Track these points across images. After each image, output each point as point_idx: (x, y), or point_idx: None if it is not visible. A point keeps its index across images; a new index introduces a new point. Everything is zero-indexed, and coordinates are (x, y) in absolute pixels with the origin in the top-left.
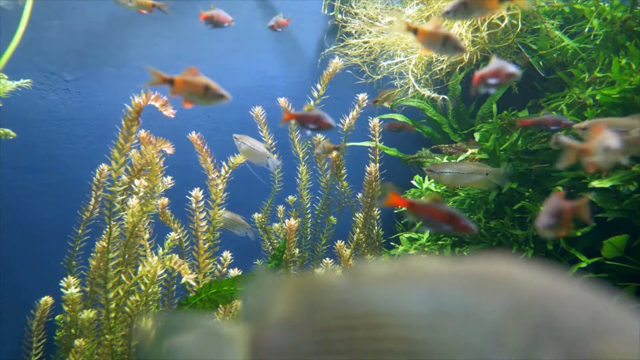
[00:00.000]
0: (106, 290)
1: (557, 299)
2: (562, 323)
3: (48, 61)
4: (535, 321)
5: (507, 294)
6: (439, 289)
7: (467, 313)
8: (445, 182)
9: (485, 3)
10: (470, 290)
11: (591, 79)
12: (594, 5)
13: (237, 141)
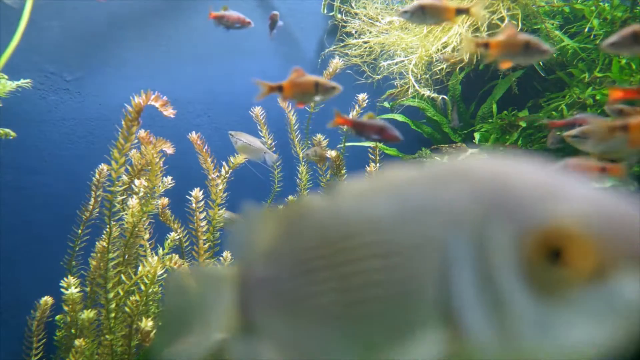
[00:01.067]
0: (106, 290)
1: (512, 177)
2: (516, 198)
3: (48, 61)
4: (490, 200)
5: (463, 181)
6: (403, 190)
7: (426, 205)
8: None
9: (442, 13)
10: (430, 186)
11: (591, 79)
12: (594, 5)
13: (232, 138)
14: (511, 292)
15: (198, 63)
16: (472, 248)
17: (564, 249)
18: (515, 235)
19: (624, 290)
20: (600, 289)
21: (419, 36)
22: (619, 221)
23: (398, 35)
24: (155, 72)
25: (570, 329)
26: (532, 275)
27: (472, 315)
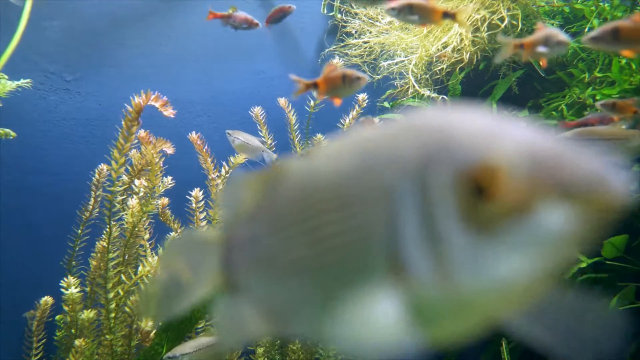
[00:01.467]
0: (106, 290)
1: (454, 125)
2: (454, 142)
3: (48, 61)
4: (432, 146)
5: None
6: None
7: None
8: None
9: (429, 14)
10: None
11: (591, 79)
12: (594, 5)
13: (230, 136)
14: (449, 231)
15: (198, 63)
16: (416, 192)
17: (491, 185)
18: (451, 176)
19: (547, 223)
20: (526, 222)
21: (419, 36)
22: (544, 158)
23: (398, 35)
24: (155, 72)
25: (501, 262)
26: (466, 213)
27: (416, 256)
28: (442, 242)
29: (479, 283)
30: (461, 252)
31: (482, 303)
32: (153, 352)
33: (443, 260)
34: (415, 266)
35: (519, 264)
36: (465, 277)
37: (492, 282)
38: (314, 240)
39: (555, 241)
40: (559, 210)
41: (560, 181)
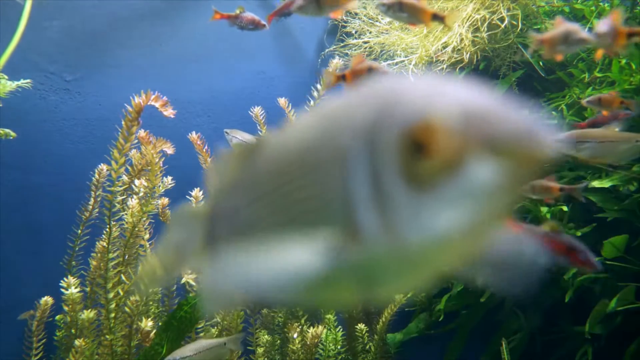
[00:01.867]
0: (106, 290)
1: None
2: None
3: (48, 61)
4: (380, 108)
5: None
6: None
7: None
8: None
9: (418, 13)
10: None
11: (591, 79)
12: (594, 5)
13: (228, 135)
14: (393, 189)
15: (198, 63)
16: (366, 155)
17: (428, 142)
18: (394, 136)
19: (479, 176)
20: (460, 176)
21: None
22: (475, 115)
23: (398, 35)
24: (155, 72)
25: (441, 216)
26: (408, 170)
27: (366, 215)
28: (387, 201)
29: (422, 238)
30: (404, 209)
31: (427, 257)
32: (153, 352)
33: (389, 218)
34: (366, 225)
35: (457, 216)
36: (409, 233)
37: (434, 236)
38: (285, 208)
39: (488, 193)
40: (489, 164)
41: (489, 136)
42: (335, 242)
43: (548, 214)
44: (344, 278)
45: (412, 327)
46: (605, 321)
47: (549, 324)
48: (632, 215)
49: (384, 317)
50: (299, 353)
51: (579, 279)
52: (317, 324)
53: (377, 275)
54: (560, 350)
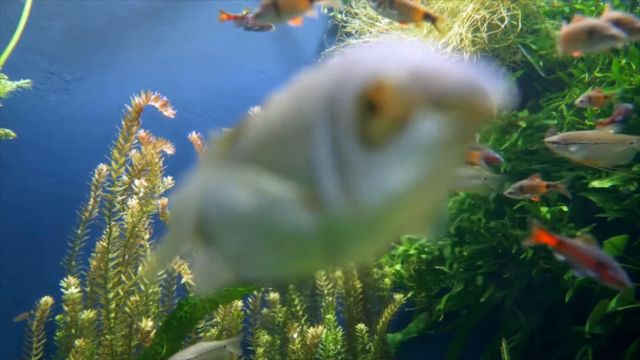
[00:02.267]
0: (106, 290)
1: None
2: (357, 69)
3: (48, 61)
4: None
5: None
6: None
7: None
8: None
9: (409, 12)
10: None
11: (591, 79)
12: (594, 5)
13: None
14: (349, 151)
15: (198, 63)
16: (327, 121)
17: (379, 100)
18: (350, 98)
19: (427, 131)
20: (409, 132)
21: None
22: (422, 72)
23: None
24: (155, 72)
25: (394, 174)
26: (362, 131)
27: (327, 180)
28: (345, 163)
29: (378, 197)
30: (361, 170)
31: (385, 216)
32: (153, 352)
33: (348, 181)
34: (327, 190)
35: (409, 173)
36: (366, 194)
37: (389, 194)
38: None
39: (436, 147)
40: (436, 118)
41: (434, 90)
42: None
43: (548, 214)
44: (311, 242)
45: (412, 327)
46: (605, 321)
47: (549, 324)
48: (632, 215)
49: (384, 317)
50: (299, 353)
51: (579, 279)
52: (317, 324)
53: (341, 239)
54: (560, 350)
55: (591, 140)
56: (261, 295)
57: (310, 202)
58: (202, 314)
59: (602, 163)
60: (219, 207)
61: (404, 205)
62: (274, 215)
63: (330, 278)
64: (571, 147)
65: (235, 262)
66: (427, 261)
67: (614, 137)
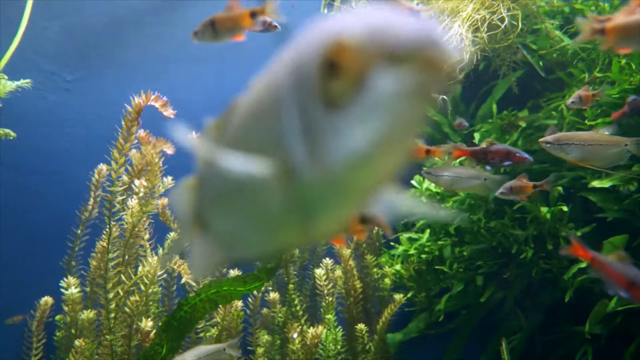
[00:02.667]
0: (106, 290)
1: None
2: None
3: (48, 61)
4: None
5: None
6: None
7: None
8: (443, 186)
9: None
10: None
11: (591, 79)
12: (594, 5)
13: None
14: (315, 114)
15: (198, 63)
16: (295, 88)
17: (339, 60)
18: (314, 63)
19: (386, 86)
20: (369, 89)
21: None
22: (378, 29)
23: None
24: (155, 72)
25: (358, 133)
26: (325, 93)
27: (296, 146)
28: (312, 128)
29: (344, 158)
30: (326, 133)
31: (353, 178)
32: (153, 352)
33: (315, 145)
34: (296, 157)
35: (372, 130)
36: (332, 156)
37: (354, 154)
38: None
39: (396, 102)
40: (394, 73)
41: (390, 46)
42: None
43: (548, 214)
44: (287, 215)
45: (412, 327)
46: (605, 321)
47: (549, 324)
48: (632, 215)
49: (384, 317)
50: (299, 353)
51: (579, 278)
52: (317, 324)
53: (314, 206)
54: (560, 350)
55: (585, 141)
56: (261, 295)
57: (284, 175)
58: (202, 314)
59: (597, 164)
60: (210, 193)
61: (370, 164)
62: (254, 193)
63: (330, 278)
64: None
65: (225, 243)
66: (427, 261)
67: (609, 138)
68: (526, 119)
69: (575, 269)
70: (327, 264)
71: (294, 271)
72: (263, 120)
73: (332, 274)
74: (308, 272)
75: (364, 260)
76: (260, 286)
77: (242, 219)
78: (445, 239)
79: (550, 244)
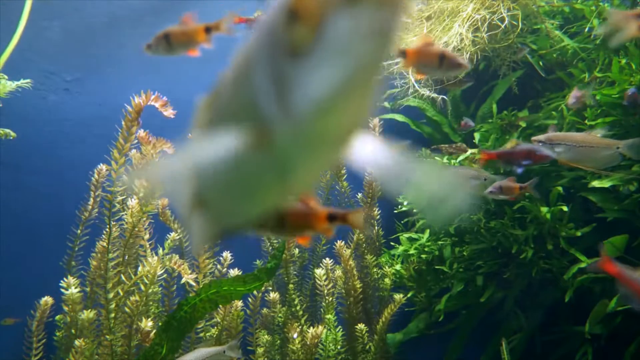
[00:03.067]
0: (106, 290)
1: None
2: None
3: (48, 61)
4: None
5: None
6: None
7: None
8: None
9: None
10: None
11: (591, 79)
12: (594, 5)
13: None
14: (283, 67)
15: (198, 63)
16: (265, 48)
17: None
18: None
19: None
20: (327, 33)
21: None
22: None
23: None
24: (155, 72)
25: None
26: (290, 43)
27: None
28: (280, 79)
29: (312, 104)
30: (293, 82)
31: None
32: (153, 352)
33: (284, 97)
34: (269, 112)
35: (336, 73)
36: (300, 104)
37: (321, 100)
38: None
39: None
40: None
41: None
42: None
43: (548, 214)
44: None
45: (412, 327)
46: (605, 321)
47: (549, 324)
48: (632, 215)
49: (384, 317)
50: (299, 353)
51: (579, 278)
52: (317, 324)
53: (291, 161)
54: (560, 350)
55: (577, 142)
56: (261, 295)
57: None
58: (202, 314)
59: (589, 166)
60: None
61: (336, 109)
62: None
63: (330, 278)
64: (557, 147)
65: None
66: (427, 261)
67: (601, 140)
68: (526, 119)
69: (575, 269)
70: (327, 264)
71: (294, 271)
72: (240, 84)
73: (332, 274)
74: (308, 272)
75: (364, 260)
76: (260, 286)
77: (232, 188)
78: (445, 239)
79: (550, 244)
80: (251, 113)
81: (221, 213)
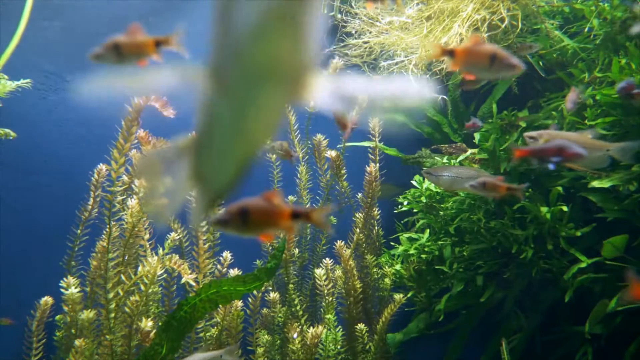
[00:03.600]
0: (106, 290)
1: None
2: None
3: (48, 61)
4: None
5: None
6: None
7: None
8: (444, 186)
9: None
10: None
11: (591, 79)
12: (594, 5)
13: None
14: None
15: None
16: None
17: None
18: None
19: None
20: None
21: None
22: None
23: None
24: None
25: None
26: None
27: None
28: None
29: (244, 31)
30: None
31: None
32: (153, 352)
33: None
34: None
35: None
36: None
37: (250, 25)
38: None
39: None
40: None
41: None
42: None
43: (548, 214)
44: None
45: (412, 327)
46: (605, 321)
47: (549, 324)
48: (632, 215)
49: (384, 317)
50: (299, 353)
51: (578, 278)
52: (317, 324)
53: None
54: (560, 350)
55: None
56: (261, 295)
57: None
58: (202, 314)
59: (578, 165)
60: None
61: (265, 35)
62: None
63: (330, 278)
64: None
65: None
66: (427, 261)
67: (592, 142)
68: (526, 119)
69: (575, 268)
70: (327, 264)
71: (294, 271)
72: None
73: (332, 274)
74: (308, 272)
75: (364, 260)
76: (260, 286)
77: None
78: (445, 239)
79: (550, 244)
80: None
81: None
